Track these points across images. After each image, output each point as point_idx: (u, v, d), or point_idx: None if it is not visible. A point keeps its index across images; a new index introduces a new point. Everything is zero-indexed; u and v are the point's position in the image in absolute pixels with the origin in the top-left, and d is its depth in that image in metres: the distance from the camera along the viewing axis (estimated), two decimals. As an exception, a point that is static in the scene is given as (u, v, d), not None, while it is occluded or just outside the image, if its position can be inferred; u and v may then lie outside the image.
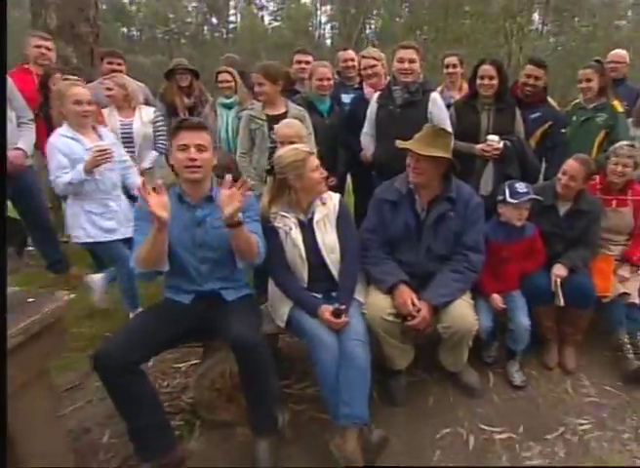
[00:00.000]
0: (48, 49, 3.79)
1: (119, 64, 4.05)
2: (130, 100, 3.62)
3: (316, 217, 2.24)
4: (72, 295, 1.68)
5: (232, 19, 33.27)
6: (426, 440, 2.20)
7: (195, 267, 2.09)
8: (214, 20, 32.43)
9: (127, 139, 3.52)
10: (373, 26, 30.89)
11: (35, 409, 1.59)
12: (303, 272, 2.23)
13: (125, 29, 30.44)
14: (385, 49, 4.78)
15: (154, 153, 3.77)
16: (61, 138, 2.79)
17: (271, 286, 2.32)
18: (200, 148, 2.00)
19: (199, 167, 2.00)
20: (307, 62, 3.85)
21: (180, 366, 2.59)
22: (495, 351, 2.76)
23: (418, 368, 2.61)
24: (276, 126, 2.76)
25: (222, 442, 2.14)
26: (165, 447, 1.94)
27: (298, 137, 2.60)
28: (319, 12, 33.15)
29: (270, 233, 2.19)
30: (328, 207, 2.28)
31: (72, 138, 2.81)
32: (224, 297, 2.14)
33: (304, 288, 2.23)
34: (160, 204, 1.83)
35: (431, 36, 22.99)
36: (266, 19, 33.38)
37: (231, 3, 32.59)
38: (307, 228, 2.24)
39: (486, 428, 2.28)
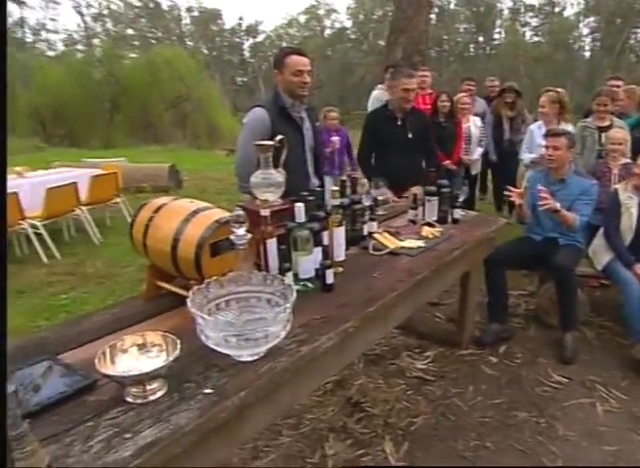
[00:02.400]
0: (426, 77, 5.16)
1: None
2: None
3: None
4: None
5: (496, 36, 34.05)
6: None
7: (545, 222, 3.12)
8: (480, 39, 33.59)
9: (466, 138, 4.78)
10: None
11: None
12: (628, 238, 3.03)
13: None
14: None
15: (479, 149, 4.95)
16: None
17: (597, 239, 3.18)
18: (555, 148, 3.00)
19: (553, 160, 3.03)
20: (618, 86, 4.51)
21: (512, 292, 3.59)
22: None
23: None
24: (606, 133, 3.59)
25: (545, 335, 3.12)
26: (503, 319, 3.06)
27: (624, 141, 3.41)
28: (581, 24, 31.73)
29: (614, 204, 3.06)
30: None
31: None
32: (558, 241, 3.10)
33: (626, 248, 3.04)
34: None
35: None
36: (528, 34, 33.12)
37: (497, 22, 33.32)
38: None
39: None
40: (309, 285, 1.88)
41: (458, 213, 2.71)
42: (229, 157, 12.48)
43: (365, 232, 2.42)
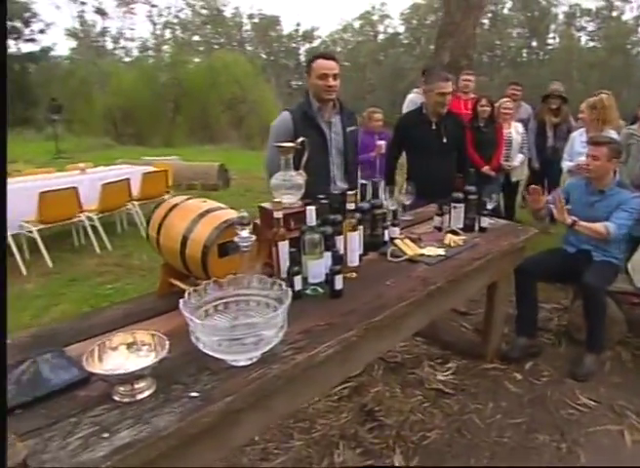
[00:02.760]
0: (469, 81, 4.94)
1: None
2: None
3: None
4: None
5: (550, 41, 32.67)
6: None
7: (578, 235, 2.87)
8: (533, 43, 32.33)
9: (507, 144, 4.54)
10: None
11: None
12: None
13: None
14: None
15: (521, 156, 4.69)
16: None
17: (638, 254, 2.92)
18: (595, 158, 2.76)
19: (591, 170, 2.80)
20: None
21: (545, 305, 3.39)
22: None
23: None
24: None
25: (576, 353, 2.84)
26: (532, 333, 2.85)
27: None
28: (640, 28, 29.89)
29: None
30: None
31: None
32: (592, 256, 2.85)
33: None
34: None
35: None
36: (583, 39, 31.60)
37: (552, 26, 31.93)
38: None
39: None
40: (319, 289, 1.80)
41: (485, 221, 2.54)
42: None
43: (386, 237, 2.32)
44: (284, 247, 1.82)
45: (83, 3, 28.87)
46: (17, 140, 17.59)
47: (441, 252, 2.19)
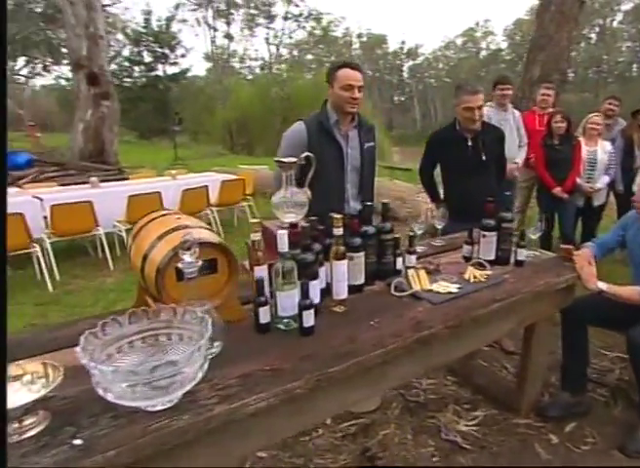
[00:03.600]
0: (548, 95, 4.29)
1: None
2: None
3: None
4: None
5: None
6: None
7: None
8: None
9: (591, 164, 3.81)
10: None
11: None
12: None
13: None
14: None
15: (606, 177, 3.93)
16: None
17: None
18: None
19: None
20: None
21: (607, 353, 2.78)
22: None
23: None
24: None
25: (633, 418, 2.20)
26: (578, 388, 2.25)
27: None
28: None
29: None
30: None
31: None
32: None
33: None
34: None
35: None
36: None
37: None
38: None
39: None
40: (293, 324, 1.52)
41: (522, 253, 2.06)
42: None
43: (399, 266, 1.96)
44: (260, 272, 1.57)
45: (215, 29, 31.09)
46: (152, 148, 19.41)
47: (454, 288, 1.78)
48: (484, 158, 2.72)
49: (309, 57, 36.89)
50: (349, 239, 1.72)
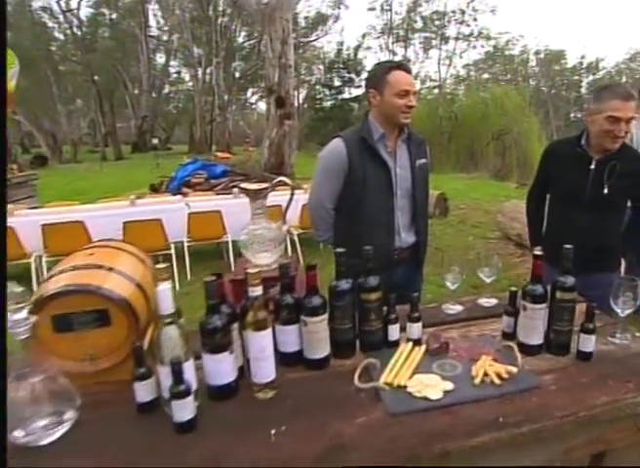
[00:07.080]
0: None
1: None
2: None
3: None
4: None
5: None
6: None
7: None
8: None
9: None
10: None
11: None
12: None
13: None
14: None
15: None
16: None
17: None
18: None
19: None
20: None
21: None
22: None
23: None
24: None
25: None
26: None
27: None
28: None
29: None
30: None
31: None
32: None
33: None
34: None
35: None
36: None
37: None
38: None
39: None
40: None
41: (591, 340, 1.19)
42: (517, 190, 10.57)
43: (395, 336, 1.33)
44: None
45: (394, 53, 31.20)
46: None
47: (439, 390, 1.08)
48: (605, 191, 1.80)
49: (485, 76, 34.49)
50: (307, 299, 1.20)
